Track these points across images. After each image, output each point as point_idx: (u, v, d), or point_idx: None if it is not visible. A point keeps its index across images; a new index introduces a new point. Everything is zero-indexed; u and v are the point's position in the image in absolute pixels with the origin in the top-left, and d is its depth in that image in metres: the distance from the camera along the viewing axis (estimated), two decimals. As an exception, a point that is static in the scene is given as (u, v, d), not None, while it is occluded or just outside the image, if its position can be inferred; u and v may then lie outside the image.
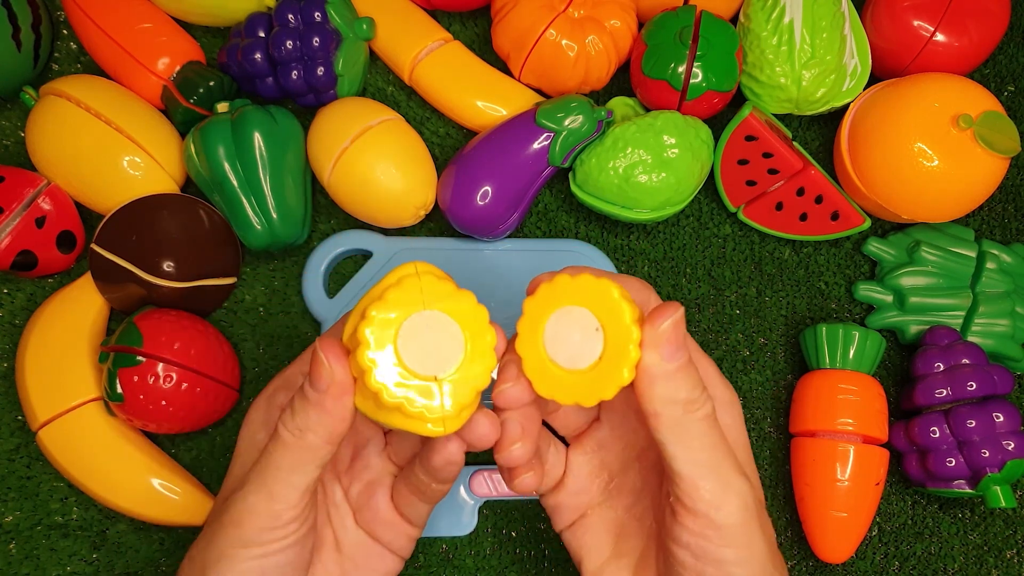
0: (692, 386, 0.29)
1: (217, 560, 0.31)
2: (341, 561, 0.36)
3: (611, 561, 0.35)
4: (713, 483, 0.29)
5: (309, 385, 0.30)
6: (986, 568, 0.47)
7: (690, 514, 0.29)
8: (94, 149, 0.43)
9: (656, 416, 0.29)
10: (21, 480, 0.45)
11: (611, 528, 0.35)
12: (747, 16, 0.47)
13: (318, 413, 0.30)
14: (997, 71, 0.51)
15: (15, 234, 0.43)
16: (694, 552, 0.30)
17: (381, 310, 0.29)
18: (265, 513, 0.30)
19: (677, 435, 0.29)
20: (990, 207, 0.50)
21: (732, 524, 0.29)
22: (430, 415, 0.29)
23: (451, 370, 0.29)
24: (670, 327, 0.28)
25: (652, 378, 0.29)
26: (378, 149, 0.44)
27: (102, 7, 0.46)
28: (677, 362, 0.29)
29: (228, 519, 0.31)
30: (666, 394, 0.29)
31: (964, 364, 0.44)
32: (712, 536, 0.29)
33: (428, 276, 0.30)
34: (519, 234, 0.49)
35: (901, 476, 0.47)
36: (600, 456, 0.36)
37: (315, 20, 0.45)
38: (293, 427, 0.30)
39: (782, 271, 0.49)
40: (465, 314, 0.30)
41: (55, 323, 0.44)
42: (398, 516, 0.37)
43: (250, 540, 0.30)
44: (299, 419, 0.30)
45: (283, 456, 0.30)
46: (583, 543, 0.35)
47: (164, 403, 0.41)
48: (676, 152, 0.43)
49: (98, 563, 0.44)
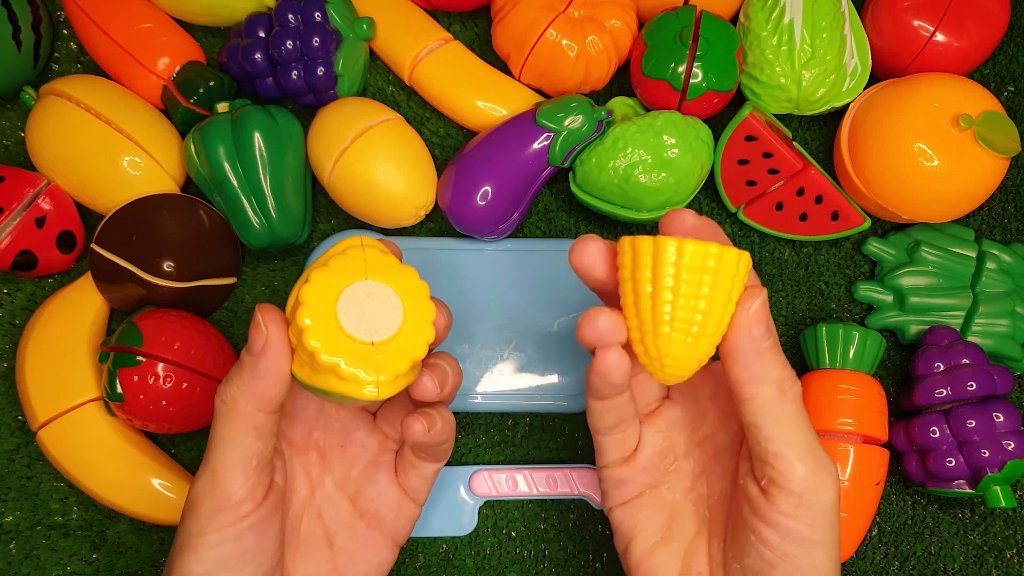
0: (783, 366, 0.30)
1: (180, 550, 0.31)
2: (332, 557, 0.36)
3: (662, 544, 0.35)
4: (810, 464, 0.30)
5: (245, 351, 0.30)
6: (986, 568, 0.47)
7: (785, 494, 0.30)
8: (94, 149, 0.43)
9: (751, 398, 0.30)
10: (21, 480, 0.45)
11: (665, 510, 0.35)
12: (747, 16, 0.47)
13: (250, 377, 0.30)
14: (997, 71, 0.51)
15: (15, 234, 0.43)
16: (782, 532, 0.30)
17: (323, 275, 0.29)
18: (212, 494, 0.30)
19: (773, 416, 0.30)
20: (990, 207, 0.50)
21: (825, 505, 0.30)
22: (364, 379, 0.29)
23: (387, 336, 0.30)
24: (759, 307, 0.29)
25: (745, 359, 0.29)
26: (378, 149, 0.44)
27: (102, 7, 0.46)
28: (767, 341, 0.30)
29: (187, 505, 0.31)
30: (760, 374, 0.29)
31: (964, 364, 0.44)
32: (804, 516, 0.30)
33: (373, 249, 0.31)
34: (519, 234, 0.49)
35: (901, 476, 0.47)
36: (671, 436, 0.36)
37: (315, 20, 0.45)
38: (225, 396, 0.30)
39: (782, 271, 0.49)
40: (406, 287, 0.31)
41: (55, 323, 0.44)
42: (403, 493, 0.37)
43: (205, 527, 0.30)
44: (232, 387, 0.30)
45: (219, 429, 0.30)
46: (636, 522, 0.35)
47: (164, 403, 0.41)
48: (676, 152, 0.43)
49: (98, 563, 0.44)
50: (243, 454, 0.30)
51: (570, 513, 0.46)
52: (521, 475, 0.46)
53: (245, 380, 0.30)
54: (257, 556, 0.31)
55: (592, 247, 0.31)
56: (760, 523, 0.31)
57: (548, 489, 0.45)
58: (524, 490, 0.45)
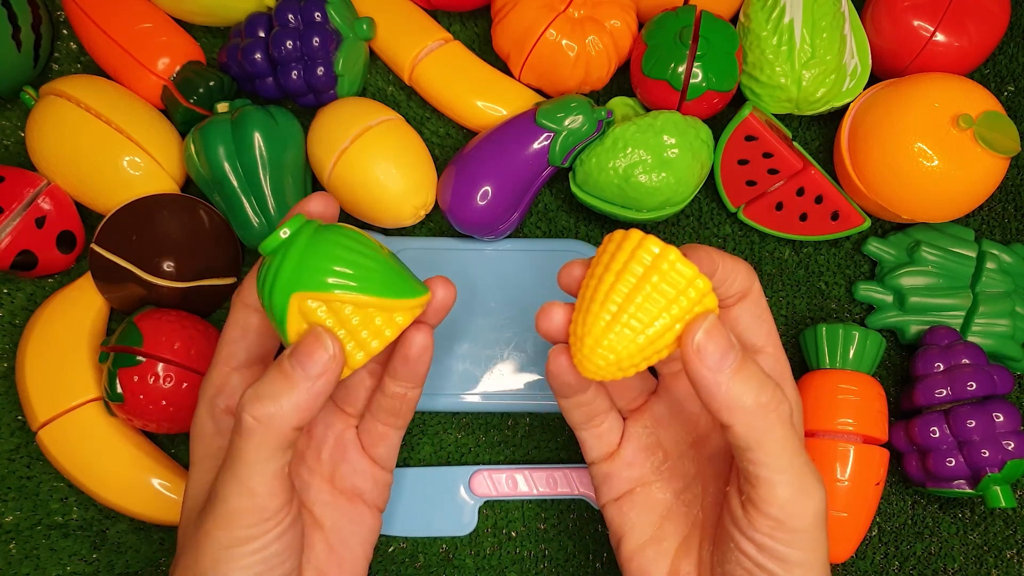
0: (759, 388, 0.28)
1: (213, 566, 0.30)
2: (326, 537, 0.36)
3: (652, 543, 0.35)
4: (793, 491, 0.29)
5: (292, 365, 0.29)
6: (986, 568, 0.47)
7: (763, 516, 0.29)
8: (94, 149, 0.43)
9: (730, 426, 0.29)
10: (21, 480, 0.45)
11: (657, 509, 0.35)
12: (747, 16, 0.47)
13: (304, 395, 0.29)
14: (997, 71, 0.51)
15: (15, 234, 0.43)
16: (759, 546, 0.30)
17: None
18: (250, 509, 0.30)
19: (756, 441, 0.28)
20: (990, 207, 0.50)
21: (804, 529, 0.29)
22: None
23: None
24: (704, 335, 0.28)
25: (707, 388, 0.28)
26: (378, 149, 0.44)
27: (102, 7, 0.46)
28: (727, 366, 0.28)
29: (213, 524, 0.30)
30: (730, 401, 0.28)
31: (964, 364, 0.44)
32: (782, 538, 0.29)
33: None
34: (519, 234, 0.49)
35: (901, 476, 0.47)
36: (657, 433, 0.36)
37: (315, 20, 0.45)
38: (260, 413, 0.29)
39: (782, 271, 0.49)
40: None
41: (55, 323, 0.44)
42: (374, 464, 0.37)
43: (244, 537, 0.30)
44: (270, 405, 0.29)
45: (252, 448, 0.29)
46: (627, 519, 0.35)
47: (164, 403, 0.41)
48: (676, 152, 0.43)
49: (98, 563, 0.44)
50: (278, 466, 0.30)
51: (570, 513, 0.46)
52: (521, 475, 0.46)
53: (292, 399, 0.29)
54: (294, 550, 0.32)
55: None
56: (739, 535, 0.30)
57: (548, 489, 0.45)
58: (524, 490, 0.45)
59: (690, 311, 0.28)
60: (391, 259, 0.32)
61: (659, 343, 0.29)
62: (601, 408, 0.35)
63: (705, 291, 0.28)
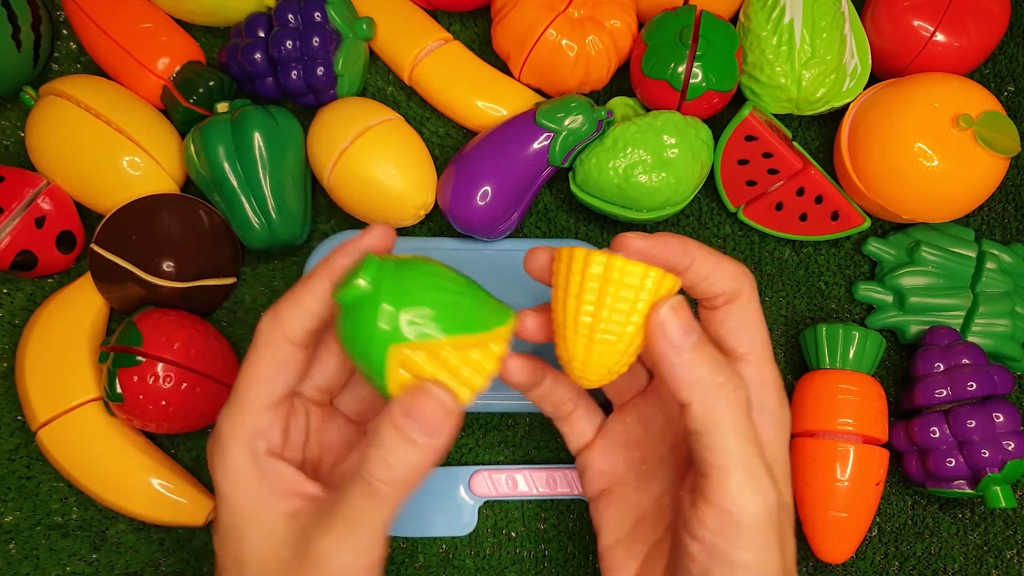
0: (716, 369, 0.29)
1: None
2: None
3: (624, 542, 0.35)
4: (743, 480, 0.28)
5: (421, 435, 0.29)
6: (986, 568, 0.47)
7: (712, 509, 0.29)
8: (94, 149, 0.43)
9: (687, 404, 0.29)
10: (21, 480, 0.45)
11: (633, 510, 0.35)
12: (747, 16, 0.47)
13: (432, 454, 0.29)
14: (997, 71, 0.51)
15: (15, 234, 0.43)
16: (707, 548, 0.29)
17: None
18: (367, 568, 0.30)
19: (712, 422, 0.29)
20: (990, 207, 0.50)
21: (752, 526, 0.28)
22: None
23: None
24: (669, 311, 0.29)
25: (665, 361, 0.29)
26: (378, 149, 0.44)
27: (102, 7, 0.46)
28: (687, 341, 0.29)
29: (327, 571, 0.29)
30: (688, 375, 0.29)
31: (964, 364, 0.44)
32: (730, 535, 0.29)
33: None
34: (519, 234, 0.49)
35: (901, 476, 0.47)
36: (638, 432, 0.36)
37: (315, 20, 0.45)
38: (392, 480, 0.29)
39: (782, 271, 0.49)
40: None
41: (55, 323, 0.44)
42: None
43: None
44: (398, 472, 0.29)
45: (386, 514, 0.29)
46: (604, 516, 0.36)
47: (164, 403, 0.41)
48: (676, 152, 0.43)
49: (98, 563, 0.44)
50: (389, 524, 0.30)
51: (570, 513, 0.46)
52: (521, 475, 0.46)
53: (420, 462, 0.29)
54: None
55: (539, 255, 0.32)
56: (688, 536, 0.30)
57: (548, 489, 0.45)
58: (524, 490, 0.45)
59: (654, 301, 0.29)
60: (471, 285, 0.31)
61: (637, 339, 0.30)
62: (564, 396, 0.36)
63: (659, 279, 0.29)
